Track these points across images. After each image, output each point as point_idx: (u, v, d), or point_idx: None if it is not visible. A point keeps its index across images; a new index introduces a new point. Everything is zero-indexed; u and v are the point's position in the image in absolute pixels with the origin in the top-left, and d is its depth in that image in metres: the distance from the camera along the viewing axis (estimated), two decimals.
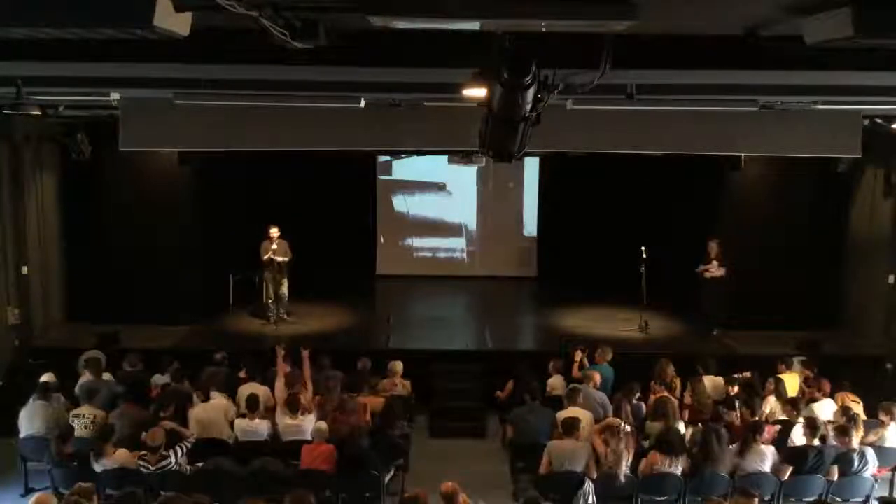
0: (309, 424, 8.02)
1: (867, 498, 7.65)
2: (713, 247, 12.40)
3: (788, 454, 7.63)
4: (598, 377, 9.16)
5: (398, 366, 9.81)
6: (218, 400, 8.55)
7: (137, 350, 10.35)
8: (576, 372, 9.72)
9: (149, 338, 11.53)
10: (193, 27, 4.38)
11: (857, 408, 8.59)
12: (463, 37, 5.03)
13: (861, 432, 7.75)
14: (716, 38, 5.54)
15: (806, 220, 12.54)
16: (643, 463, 7.55)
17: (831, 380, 9.06)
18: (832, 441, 7.68)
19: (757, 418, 8.23)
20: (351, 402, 8.43)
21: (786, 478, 7.50)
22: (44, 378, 9.04)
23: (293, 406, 8.13)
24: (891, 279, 11.71)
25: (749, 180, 12.66)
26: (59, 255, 12.67)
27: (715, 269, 12.30)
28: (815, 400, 8.77)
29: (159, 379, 9.52)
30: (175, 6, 3.92)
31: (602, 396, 8.91)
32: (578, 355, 9.98)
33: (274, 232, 12.50)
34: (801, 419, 8.10)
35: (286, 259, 12.54)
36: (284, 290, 12.76)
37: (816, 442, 7.61)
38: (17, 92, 7.48)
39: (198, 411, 8.37)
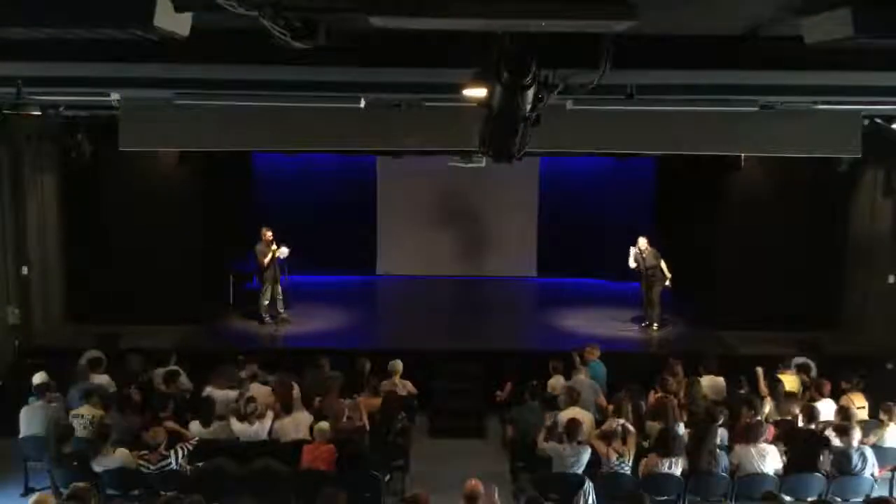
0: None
1: (867, 498, 7.64)
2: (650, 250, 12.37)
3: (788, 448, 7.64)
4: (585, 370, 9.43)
5: (398, 365, 9.80)
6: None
7: (137, 350, 10.36)
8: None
9: (149, 338, 11.51)
10: (193, 27, 4.38)
11: (863, 412, 8.58)
12: (463, 37, 5.03)
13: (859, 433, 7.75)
14: (716, 38, 5.53)
15: (806, 220, 12.51)
16: (643, 464, 7.55)
17: (831, 380, 9.05)
18: (832, 441, 7.68)
19: (758, 418, 8.22)
20: (339, 407, 8.34)
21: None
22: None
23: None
24: (891, 279, 11.70)
25: (749, 180, 12.65)
26: (59, 255, 12.67)
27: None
28: (814, 400, 8.77)
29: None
30: (175, 6, 3.92)
31: (592, 382, 9.16)
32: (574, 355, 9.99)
33: (269, 235, 12.52)
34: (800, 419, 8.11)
35: (286, 253, 12.55)
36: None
37: None
38: (17, 92, 7.48)
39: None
